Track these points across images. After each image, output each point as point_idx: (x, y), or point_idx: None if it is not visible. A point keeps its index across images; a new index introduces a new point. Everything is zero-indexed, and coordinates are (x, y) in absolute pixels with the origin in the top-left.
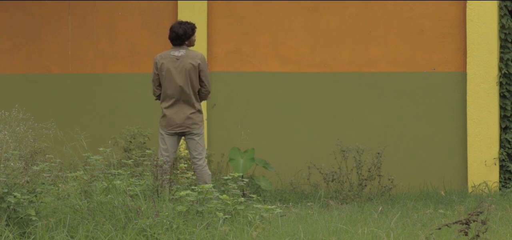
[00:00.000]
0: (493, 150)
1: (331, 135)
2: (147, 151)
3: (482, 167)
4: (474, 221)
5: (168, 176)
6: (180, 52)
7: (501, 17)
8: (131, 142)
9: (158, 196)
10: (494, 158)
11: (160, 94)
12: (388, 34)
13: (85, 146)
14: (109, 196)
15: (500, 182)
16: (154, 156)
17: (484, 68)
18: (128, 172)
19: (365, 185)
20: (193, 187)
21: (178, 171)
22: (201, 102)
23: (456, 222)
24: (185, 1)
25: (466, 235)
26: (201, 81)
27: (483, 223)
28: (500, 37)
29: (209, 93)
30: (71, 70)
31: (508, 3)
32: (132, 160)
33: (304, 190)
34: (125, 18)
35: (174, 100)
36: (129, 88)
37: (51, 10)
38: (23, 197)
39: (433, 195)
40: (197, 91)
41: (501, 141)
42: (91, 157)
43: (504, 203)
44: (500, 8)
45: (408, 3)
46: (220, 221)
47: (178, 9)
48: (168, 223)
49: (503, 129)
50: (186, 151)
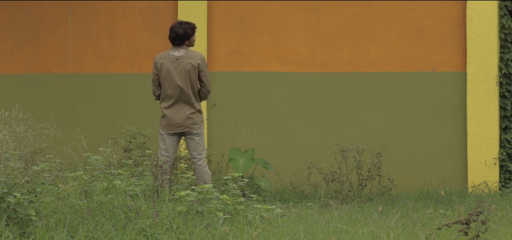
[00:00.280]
0: (493, 150)
1: (331, 135)
2: (147, 151)
3: (482, 167)
4: (474, 221)
5: (168, 176)
6: (180, 52)
7: (501, 17)
8: (131, 142)
9: (158, 196)
10: (494, 158)
11: (160, 94)
12: (388, 34)
13: (85, 146)
14: (109, 196)
15: (500, 182)
16: (154, 156)
17: (484, 68)
18: (128, 172)
19: (365, 185)
20: (193, 187)
21: (178, 171)
22: (201, 102)
23: (456, 222)
24: (185, 1)
25: (466, 235)
26: (201, 81)
27: (483, 223)
28: (500, 37)
29: (209, 93)
30: (71, 70)
31: (508, 3)
32: (132, 160)
33: (304, 190)
34: (125, 18)
35: (174, 100)
36: (129, 88)
37: (51, 10)
38: (23, 197)
39: (433, 195)
40: (197, 91)
41: (501, 141)
42: (91, 157)
43: (504, 203)
44: (500, 8)
45: (408, 3)
46: (220, 221)
47: (178, 9)
48: (168, 223)
49: (503, 129)
50: (186, 151)
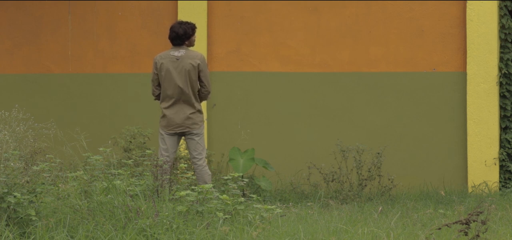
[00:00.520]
0: (493, 150)
1: (331, 135)
2: (147, 151)
3: (482, 167)
4: (474, 221)
5: (168, 176)
6: (180, 52)
7: (501, 17)
8: (131, 142)
9: (158, 196)
10: (494, 158)
11: (159, 94)
12: (388, 34)
13: (85, 146)
14: (109, 196)
15: (500, 182)
16: (154, 156)
17: (484, 68)
18: (128, 172)
19: (365, 185)
20: (193, 187)
21: (178, 171)
22: (201, 102)
23: (456, 222)
24: (185, 1)
25: (466, 235)
26: (201, 81)
27: (483, 223)
28: (500, 37)
29: (209, 93)
30: (71, 70)
31: (508, 3)
32: (132, 160)
33: (304, 190)
34: (125, 18)
35: (174, 100)
36: (129, 88)
37: (51, 10)
38: (23, 197)
39: (433, 195)
40: (197, 91)
41: (501, 141)
42: (91, 157)
43: (504, 203)
44: (500, 8)
45: (408, 3)
46: (220, 221)
47: (178, 9)
48: (168, 223)
49: (503, 129)
50: (186, 151)
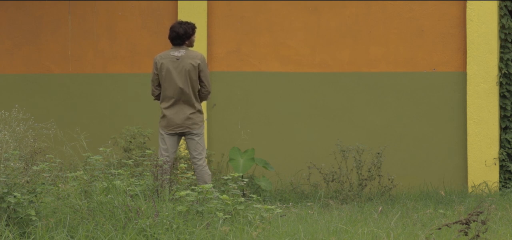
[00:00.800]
0: (493, 150)
1: (331, 135)
2: (147, 151)
3: (482, 167)
4: (474, 221)
5: (168, 176)
6: (180, 52)
7: (501, 17)
8: (131, 142)
9: (158, 196)
10: (494, 158)
11: (159, 94)
12: (388, 34)
13: (85, 146)
14: (109, 196)
15: (500, 182)
16: (154, 156)
17: (484, 68)
18: (128, 172)
19: (365, 185)
20: (193, 187)
21: (178, 171)
22: (201, 102)
23: (456, 222)
24: (185, 1)
25: (466, 235)
26: (201, 82)
27: (483, 223)
28: (500, 37)
29: (209, 93)
30: (71, 70)
31: (508, 3)
32: (132, 160)
33: (304, 190)
34: (125, 18)
35: (174, 101)
36: (129, 88)
37: (51, 10)
38: (23, 197)
39: (433, 195)
40: (197, 91)
41: (501, 141)
42: (91, 157)
43: (504, 203)
44: (500, 8)
45: (408, 3)
46: (220, 221)
47: (178, 9)
48: (168, 223)
49: (503, 129)
50: (186, 151)
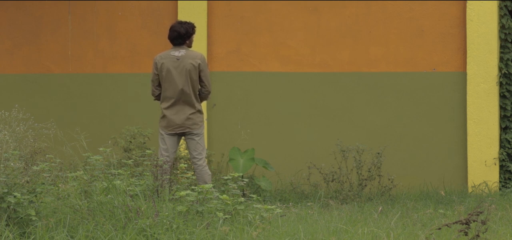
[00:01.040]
0: (493, 150)
1: (331, 135)
2: (147, 151)
3: (482, 167)
4: (474, 221)
5: (168, 176)
6: (180, 52)
7: (501, 17)
8: (131, 142)
9: (158, 196)
10: (494, 158)
11: (159, 94)
12: (388, 34)
13: (85, 146)
14: (109, 196)
15: (500, 182)
16: (154, 156)
17: (484, 68)
18: (128, 172)
19: (365, 185)
20: (193, 187)
21: (178, 171)
22: (201, 102)
23: (456, 222)
24: (185, 1)
25: (466, 235)
26: (201, 81)
27: (483, 223)
28: (500, 37)
29: (209, 93)
30: (71, 70)
31: (508, 3)
32: (132, 160)
33: (304, 190)
34: (125, 18)
35: (174, 101)
36: (129, 88)
37: (51, 10)
38: (23, 197)
39: (433, 195)
40: (197, 91)
41: (501, 141)
42: (91, 157)
43: (504, 203)
44: (500, 8)
45: (408, 3)
46: (220, 221)
47: (178, 9)
48: (168, 223)
49: (503, 129)
50: (186, 151)
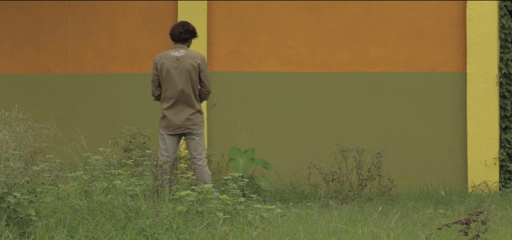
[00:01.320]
0: (493, 150)
1: (331, 135)
2: (147, 151)
3: (482, 167)
4: (474, 221)
5: (168, 176)
6: (180, 53)
7: (501, 17)
8: (131, 142)
9: (158, 196)
10: (494, 158)
11: (159, 95)
12: (388, 34)
13: (85, 146)
14: (109, 196)
15: (500, 182)
16: (154, 156)
17: (484, 68)
18: (128, 172)
19: (365, 185)
20: (193, 187)
21: (178, 171)
22: (201, 103)
23: (456, 222)
24: (185, 1)
25: (466, 235)
26: (201, 82)
27: (483, 223)
28: (500, 37)
29: (209, 94)
30: (71, 70)
31: (508, 3)
32: (132, 160)
33: (304, 190)
34: (125, 18)
35: (174, 101)
36: (129, 88)
37: (51, 10)
38: (23, 197)
39: (433, 195)
40: (197, 92)
41: (501, 141)
42: (91, 157)
43: (504, 203)
44: (500, 8)
45: (408, 3)
46: (220, 221)
47: (178, 9)
48: (168, 223)
49: (503, 129)
50: (186, 151)
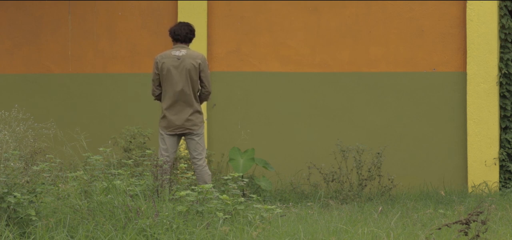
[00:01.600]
0: (493, 150)
1: (331, 135)
2: (147, 151)
3: (482, 167)
4: (474, 221)
5: (168, 176)
6: (181, 52)
7: (501, 17)
8: (131, 142)
9: (158, 196)
10: (494, 158)
11: (160, 94)
12: (388, 34)
13: (85, 146)
14: (109, 196)
15: (500, 182)
16: (154, 156)
17: (484, 68)
18: (128, 172)
19: (365, 185)
20: (193, 187)
21: (178, 171)
22: (202, 103)
23: (456, 222)
24: (185, 1)
25: (466, 235)
26: (202, 82)
27: (483, 223)
28: (500, 37)
29: (210, 94)
30: (71, 70)
31: (508, 3)
32: (132, 160)
33: (304, 190)
34: (125, 18)
35: (174, 101)
36: (129, 88)
37: (51, 10)
38: (23, 197)
39: (433, 195)
40: (197, 92)
41: (501, 141)
42: (91, 157)
43: (504, 203)
44: (500, 8)
45: (408, 3)
46: (220, 221)
47: (178, 9)
48: (168, 223)
49: (503, 129)
50: (186, 151)
